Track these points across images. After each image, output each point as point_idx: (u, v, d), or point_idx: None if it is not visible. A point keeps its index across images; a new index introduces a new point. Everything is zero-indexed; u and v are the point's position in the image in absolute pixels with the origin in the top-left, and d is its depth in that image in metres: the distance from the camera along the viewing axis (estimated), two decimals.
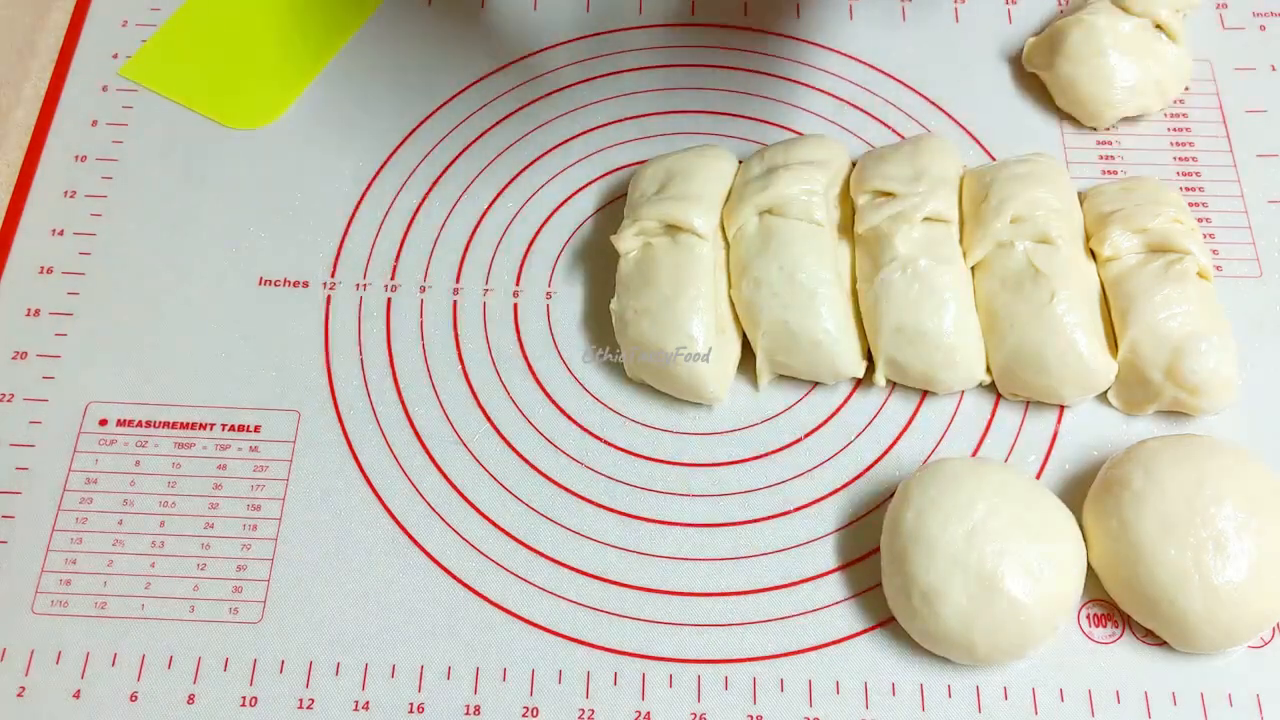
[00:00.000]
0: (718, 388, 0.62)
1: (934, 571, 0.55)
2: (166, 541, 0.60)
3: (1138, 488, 0.56)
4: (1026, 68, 0.73)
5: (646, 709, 0.56)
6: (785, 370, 0.63)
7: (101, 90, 0.73)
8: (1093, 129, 0.72)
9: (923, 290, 0.61)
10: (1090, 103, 0.70)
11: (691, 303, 0.61)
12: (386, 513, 0.61)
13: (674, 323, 0.61)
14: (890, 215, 0.63)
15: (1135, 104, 0.71)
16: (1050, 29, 0.72)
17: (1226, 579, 0.54)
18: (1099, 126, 0.71)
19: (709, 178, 0.65)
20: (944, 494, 0.56)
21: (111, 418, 0.63)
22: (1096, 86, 0.70)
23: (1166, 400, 0.61)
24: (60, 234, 0.68)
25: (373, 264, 0.68)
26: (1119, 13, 0.71)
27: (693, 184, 0.64)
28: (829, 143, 0.67)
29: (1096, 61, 0.70)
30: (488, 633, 0.58)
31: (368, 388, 0.64)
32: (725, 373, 0.63)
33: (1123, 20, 0.70)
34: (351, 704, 0.56)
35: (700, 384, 0.61)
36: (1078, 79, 0.70)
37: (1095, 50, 0.70)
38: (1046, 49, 0.72)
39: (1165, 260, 0.62)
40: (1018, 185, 0.64)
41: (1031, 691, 0.56)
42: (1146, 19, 0.71)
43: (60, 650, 0.57)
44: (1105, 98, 0.70)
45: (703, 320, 0.61)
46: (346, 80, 0.74)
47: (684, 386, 0.62)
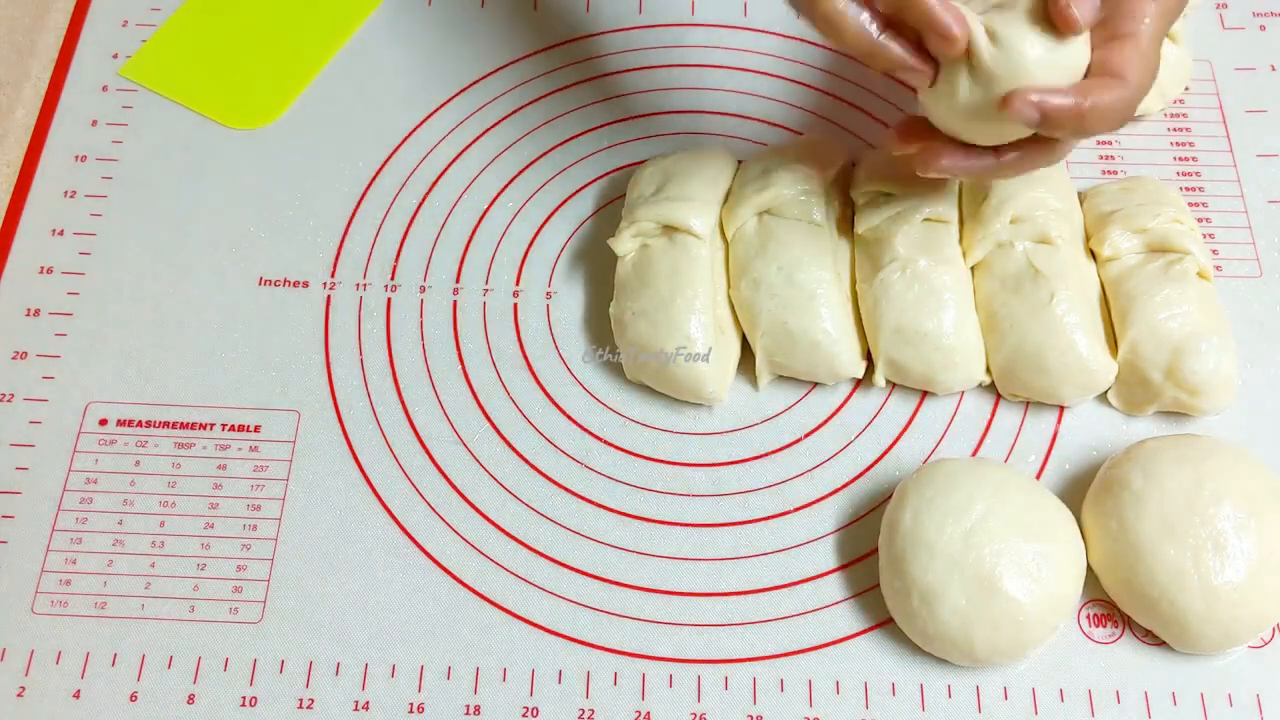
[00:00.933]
0: (717, 388, 0.62)
1: (932, 573, 0.55)
2: (166, 541, 0.60)
3: (1137, 488, 0.56)
4: None
5: (646, 709, 0.56)
6: (785, 371, 0.63)
7: (101, 90, 0.73)
8: None
9: (922, 291, 0.61)
10: None
11: (689, 304, 0.61)
12: (386, 513, 0.61)
13: (672, 324, 0.61)
14: (890, 216, 0.63)
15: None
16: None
17: (1226, 579, 0.54)
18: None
19: (707, 178, 0.65)
20: (941, 494, 0.56)
21: (111, 418, 0.63)
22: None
23: (1167, 400, 0.61)
24: (60, 234, 0.68)
25: (373, 264, 0.68)
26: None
27: (690, 185, 0.64)
28: (828, 143, 0.67)
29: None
30: (488, 633, 0.58)
31: (368, 388, 0.64)
32: (725, 373, 0.63)
33: None
34: (351, 704, 0.56)
35: (699, 384, 0.61)
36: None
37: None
38: None
39: (1165, 260, 0.62)
40: (1017, 185, 0.64)
41: (1031, 691, 0.56)
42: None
43: (60, 650, 0.57)
44: None
45: (701, 321, 0.61)
46: (346, 80, 0.74)
47: (683, 387, 0.62)
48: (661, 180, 0.65)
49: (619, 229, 0.64)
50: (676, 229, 0.63)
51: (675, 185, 0.64)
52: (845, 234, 0.65)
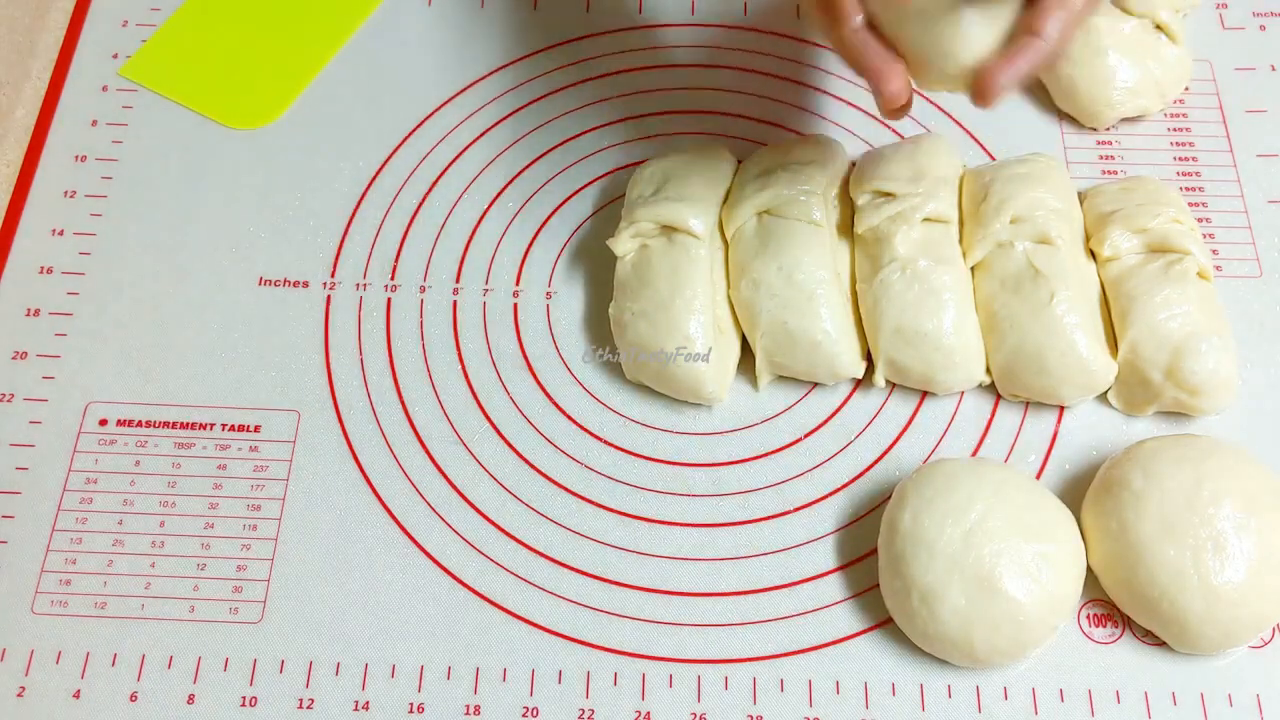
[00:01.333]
0: (717, 388, 0.62)
1: (932, 573, 0.55)
2: (166, 542, 0.60)
3: (1137, 488, 0.56)
4: None
5: (646, 709, 0.56)
6: (785, 371, 0.63)
7: (101, 90, 0.73)
8: (1092, 129, 0.72)
9: (922, 291, 0.61)
10: (1090, 103, 0.70)
11: (688, 304, 0.61)
12: (386, 513, 0.61)
13: (671, 324, 0.61)
14: (890, 216, 0.63)
15: (1135, 105, 0.70)
16: None
17: (1225, 579, 0.54)
18: (1099, 127, 0.71)
19: (706, 179, 0.65)
20: (941, 494, 0.56)
21: (111, 418, 0.63)
22: (1096, 88, 0.70)
23: (1167, 401, 0.61)
24: (60, 234, 0.68)
25: (373, 264, 0.68)
26: (1119, 13, 0.71)
27: (689, 185, 0.64)
28: (828, 143, 0.67)
29: (1096, 62, 0.70)
30: (488, 633, 0.58)
31: (368, 388, 0.64)
32: (725, 373, 0.63)
33: (1123, 21, 0.70)
34: (351, 704, 0.56)
35: (699, 384, 0.61)
36: (1077, 80, 0.70)
37: (1095, 51, 0.70)
38: None
39: (1165, 260, 0.62)
40: (1017, 185, 0.64)
41: (1031, 691, 0.56)
42: (1147, 19, 0.71)
43: (60, 650, 0.57)
44: (1105, 98, 0.70)
45: (700, 321, 0.61)
46: (346, 80, 0.74)
47: (683, 387, 0.62)
48: (661, 180, 0.65)
49: (618, 229, 0.64)
50: (676, 229, 0.63)
51: (675, 185, 0.64)
52: (845, 234, 0.65)
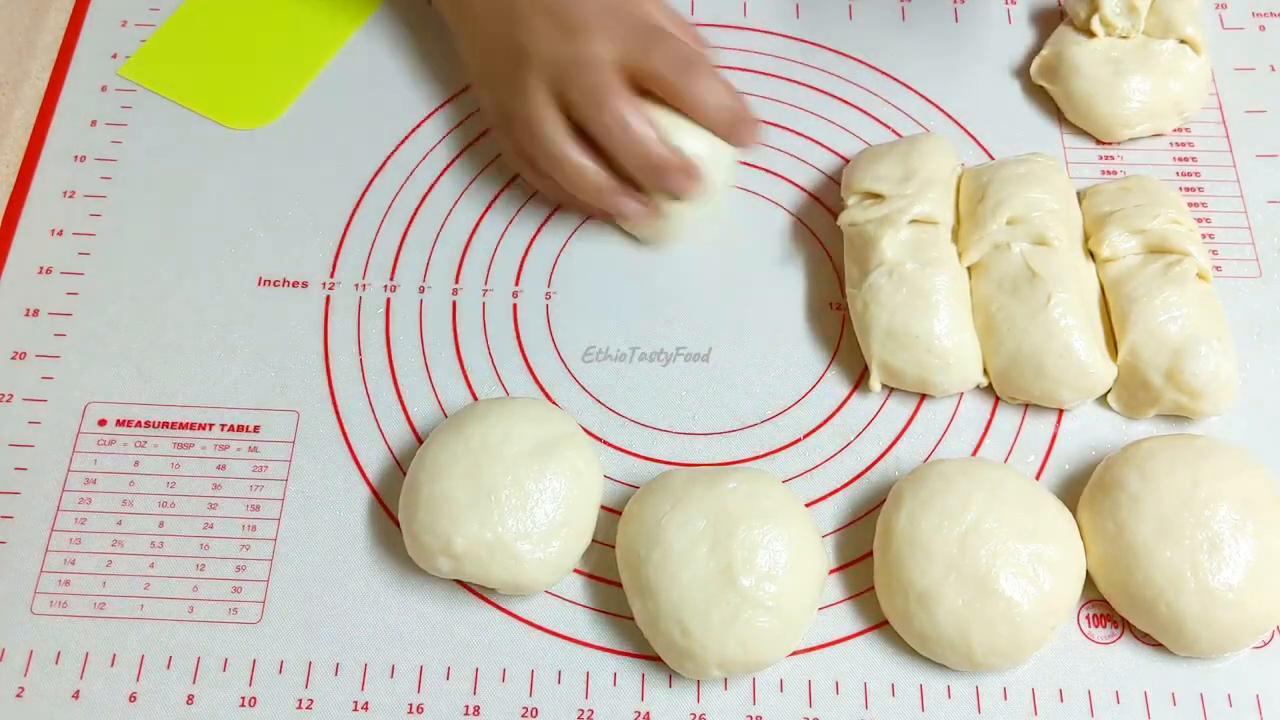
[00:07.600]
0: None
1: (928, 575, 0.55)
2: (166, 542, 0.60)
3: (1133, 489, 0.56)
4: (1035, 80, 0.73)
5: (646, 709, 0.56)
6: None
7: (101, 90, 0.73)
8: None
9: (911, 294, 0.61)
10: (1103, 120, 0.70)
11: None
12: (386, 513, 0.61)
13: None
14: (876, 219, 0.63)
15: (1149, 125, 0.70)
16: (1061, 44, 0.71)
17: (1222, 581, 0.54)
18: (1110, 142, 0.71)
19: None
20: (937, 495, 0.56)
21: (111, 418, 0.63)
22: (1112, 106, 0.69)
23: (1167, 404, 0.61)
24: (60, 234, 0.68)
25: (372, 264, 0.68)
26: (1142, 37, 0.70)
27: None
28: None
29: (1115, 82, 0.69)
30: (487, 633, 0.58)
31: (367, 388, 0.64)
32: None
33: (1147, 43, 0.70)
34: (351, 704, 0.56)
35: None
36: (1093, 97, 0.69)
37: (1115, 71, 0.69)
38: (1055, 65, 0.71)
39: (1164, 262, 0.62)
40: (1015, 186, 0.64)
41: (1031, 692, 0.56)
42: (1171, 39, 0.70)
43: (59, 651, 0.57)
44: (1121, 117, 0.69)
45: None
46: (346, 80, 0.74)
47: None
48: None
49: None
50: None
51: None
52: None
